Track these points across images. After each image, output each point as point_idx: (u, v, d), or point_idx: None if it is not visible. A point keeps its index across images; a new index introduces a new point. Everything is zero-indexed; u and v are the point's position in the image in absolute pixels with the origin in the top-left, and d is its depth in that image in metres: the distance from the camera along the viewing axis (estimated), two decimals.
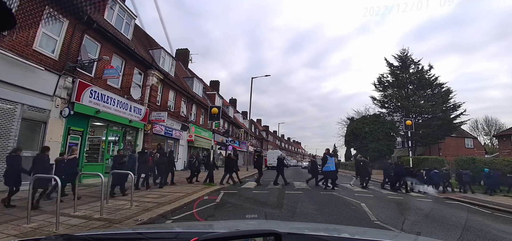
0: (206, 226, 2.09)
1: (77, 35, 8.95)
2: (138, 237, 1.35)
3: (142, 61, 12.69)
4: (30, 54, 7.42)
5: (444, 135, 25.65)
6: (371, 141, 26.89)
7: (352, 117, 32.68)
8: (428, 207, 7.50)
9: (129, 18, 12.34)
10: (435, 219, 5.93)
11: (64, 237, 1.05)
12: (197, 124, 20.59)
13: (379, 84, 28.60)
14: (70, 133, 8.92)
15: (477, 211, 7.41)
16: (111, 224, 4.50)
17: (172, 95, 16.69)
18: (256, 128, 48.35)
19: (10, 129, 7.04)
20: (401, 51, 27.69)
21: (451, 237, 4.57)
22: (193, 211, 5.97)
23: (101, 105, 9.95)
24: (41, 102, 7.88)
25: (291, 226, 2.03)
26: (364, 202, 7.42)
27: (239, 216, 5.54)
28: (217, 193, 8.60)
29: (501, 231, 5.12)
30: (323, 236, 1.34)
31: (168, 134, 15.85)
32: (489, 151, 34.66)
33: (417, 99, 26.30)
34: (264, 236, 1.00)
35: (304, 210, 6.30)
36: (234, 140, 30.89)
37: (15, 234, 3.69)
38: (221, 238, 0.96)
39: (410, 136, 20.16)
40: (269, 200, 7.82)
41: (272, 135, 62.96)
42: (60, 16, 6.69)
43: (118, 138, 12.02)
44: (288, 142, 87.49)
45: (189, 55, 24.57)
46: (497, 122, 41.35)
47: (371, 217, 5.64)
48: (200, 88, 21.89)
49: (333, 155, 11.69)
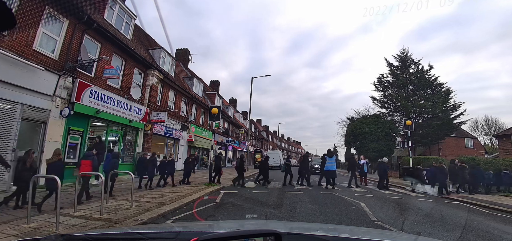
0: (206, 226, 2.08)
1: (77, 35, 8.95)
2: (138, 237, 1.35)
3: (142, 61, 12.69)
4: (30, 54, 7.42)
5: (444, 135, 25.63)
6: (371, 141, 26.90)
7: (352, 117, 32.71)
8: (428, 207, 7.49)
9: (129, 18, 12.34)
10: (435, 219, 5.93)
11: (64, 237, 1.05)
12: (197, 124, 20.59)
13: (379, 84, 28.59)
14: (70, 133, 8.92)
15: (477, 211, 7.41)
16: (111, 224, 4.50)
17: (172, 95, 16.69)
18: (256, 128, 48.35)
19: (10, 129, 7.03)
20: (401, 51, 27.68)
21: (451, 237, 4.57)
22: (193, 211, 5.97)
23: (101, 105, 9.95)
24: (41, 102, 7.88)
25: (291, 226, 2.03)
26: (364, 202, 7.43)
27: (239, 216, 5.53)
28: (217, 193, 8.61)
29: (501, 231, 5.12)
30: (323, 236, 1.34)
31: (168, 134, 15.85)
32: (489, 151, 34.67)
33: (417, 99, 26.28)
34: (264, 236, 1.00)
35: (304, 210, 6.30)
36: (234, 140, 30.88)
37: (15, 234, 3.69)
38: (221, 238, 0.96)
39: (410, 136, 20.16)
40: (269, 200, 7.83)
41: (272, 135, 62.96)
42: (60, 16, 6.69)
43: (118, 138, 12.03)
44: (288, 142, 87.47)
45: (189, 55, 24.56)
46: (497, 122, 41.43)
47: (371, 217, 5.64)
48: (200, 88, 21.88)
49: (333, 154, 11.67)
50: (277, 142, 65.94)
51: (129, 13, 12.19)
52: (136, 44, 13.32)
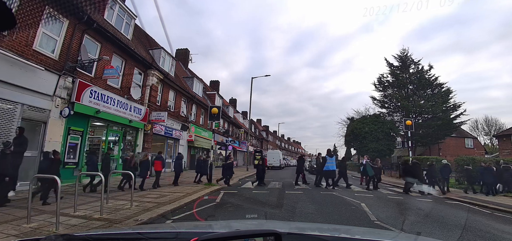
0: (206, 226, 2.09)
1: (77, 35, 8.95)
2: (138, 237, 1.35)
3: (142, 61, 12.69)
4: (30, 54, 7.42)
5: (444, 135, 25.63)
6: (371, 141, 26.87)
7: (352, 117, 32.68)
8: (428, 207, 7.49)
9: (129, 18, 12.34)
10: (435, 219, 5.93)
11: (64, 237, 1.05)
12: (197, 124, 20.59)
13: (379, 84, 28.59)
14: (70, 133, 8.92)
15: (477, 211, 7.40)
16: (111, 224, 4.50)
17: (172, 95, 16.69)
18: (256, 128, 48.35)
19: (10, 129, 7.03)
20: (401, 51, 27.68)
21: (451, 237, 4.56)
22: (193, 211, 5.97)
23: (101, 105, 9.95)
24: (41, 102, 7.88)
25: (291, 226, 2.03)
26: (364, 202, 7.42)
27: (239, 216, 5.54)
28: (217, 193, 8.61)
29: (501, 231, 5.11)
30: (323, 236, 1.34)
31: (168, 134, 15.85)
32: (489, 151, 34.67)
33: (417, 99, 26.29)
34: (264, 236, 1.00)
35: (304, 210, 6.30)
36: (234, 140, 30.88)
37: (15, 234, 3.69)
38: (221, 238, 0.96)
39: (410, 136, 20.18)
40: (269, 200, 7.83)
41: (272, 135, 62.96)
42: (60, 16, 6.70)
43: (118, 138, 12.03)
44: (288, 142, 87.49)
45: (189, 55, 24.57)
46: (497, 122, 41.44)
47: (371, 217, 5.64)
48: (200, 88, 21.89)
49: (333, 154, 11.64)
50: (277, 142, 65.94)
51: (129, 13, 12.19)
52: (136, 44, 13.32)
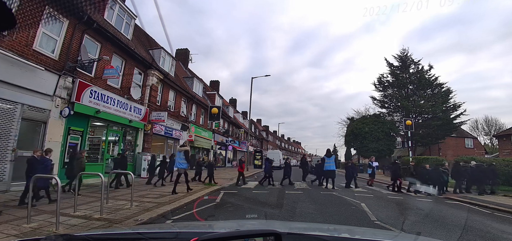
0: (206, 226, 2.08)
1: (77, 35, 8.94)
2: (138, 237, 1.35)
3: (142, 61, 12.69)
4: (30, 54, 7.41)
5: (444, 135, 25.64)
6: (371, 141, 26.90)
7: (352, 117, 32.71)
8: (428, 207, 7.49)
9: (129, 18, 12.34)
10: (435, 219, 5.93)
11: (64, 237, 1.05)
12: (197, 124, 20.59)
13: (379, 84, 28.61)
14: (70, 133, 8.92)
15: (477, 211, 7.40)
16: (111, 224, 4.50)
17: (172, 95, 16.69)
18: (256, 128, 48.33)
19: (10, 129, 7.04)
20: (401, 51, 27.70)
21: (451, 237, 4.56)
22: (193, 211, 5.97)
23: (101, 105, 9.95)
24: (41, 102, 7.88)
25: (291, 226, 2.03)
26: (364, 202, 7.42)
27: (239, 216, 5.53)
28: (217, 193, 8.60)
29: (501, 231, 5.11)
30: (323, 236, 1.34)
31: (168, 134, 15.85)
32: (489, 151, 34.65)
33: (417, 99, 26.30)
34: (264, 236, 1.00)
35: (304, 210, 6.30)
36: (234, 140, 30.88)
37: (15, 234, 3.69)
38: (221, 238, 0.96)
39: (410, 136, 20.17)
40: (269, 200, 7.83)
41: (272, 135, 62.93)
42: (60, 16, 6.68)
43: (118, 138, 12.02)
44: (288, 142, 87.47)
45: (189, 55, 24.57)
46: (497, 122, 41.39)
47: (371, 217, 5.64)
48: (200, 88, 21.88)
49: (333, 154, 11.64)
50: (277, 142, 65.92)
51: (129, 13, 12.19)
52: (136, 44, 13.32)
